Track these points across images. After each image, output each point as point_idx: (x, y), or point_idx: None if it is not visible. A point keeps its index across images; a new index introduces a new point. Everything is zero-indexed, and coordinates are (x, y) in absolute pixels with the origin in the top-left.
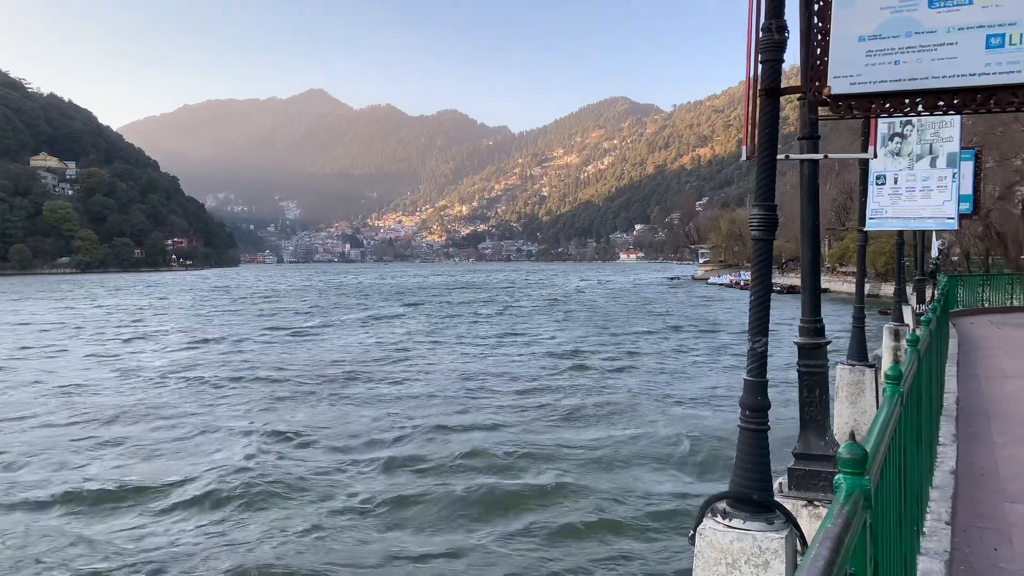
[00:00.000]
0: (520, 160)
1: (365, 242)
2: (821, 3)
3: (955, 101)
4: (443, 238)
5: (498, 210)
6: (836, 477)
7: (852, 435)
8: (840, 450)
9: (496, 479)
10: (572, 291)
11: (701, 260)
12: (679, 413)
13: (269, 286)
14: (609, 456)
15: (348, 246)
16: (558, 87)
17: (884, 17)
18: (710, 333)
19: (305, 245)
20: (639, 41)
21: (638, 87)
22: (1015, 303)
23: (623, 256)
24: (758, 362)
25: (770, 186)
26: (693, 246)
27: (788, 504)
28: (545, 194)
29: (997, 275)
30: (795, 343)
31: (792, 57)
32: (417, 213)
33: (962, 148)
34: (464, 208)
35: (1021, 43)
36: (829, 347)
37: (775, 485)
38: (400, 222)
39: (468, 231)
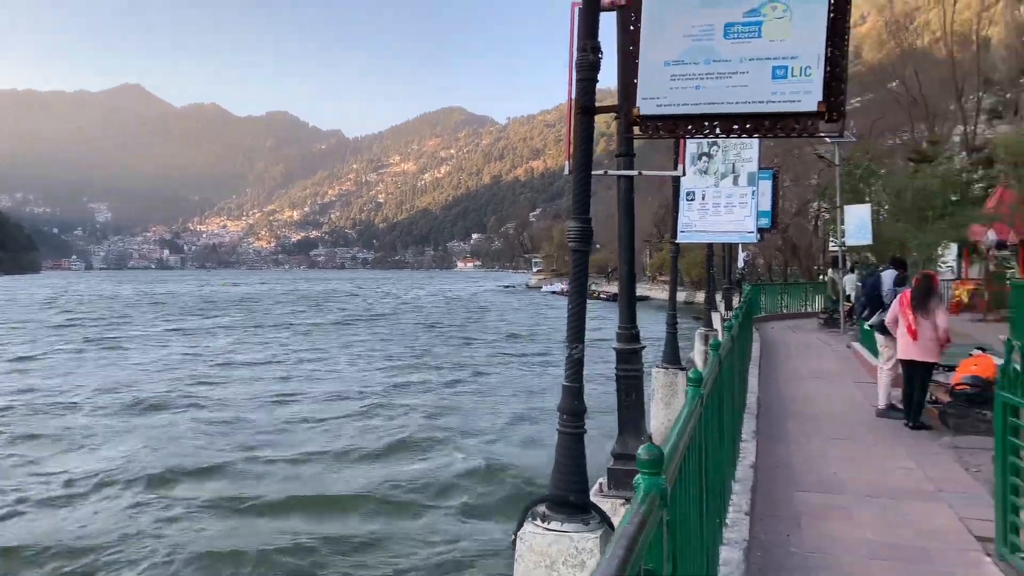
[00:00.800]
0: (355, 166)
1: (186, 248)
2: (632, 28)
3: (748, 126)
4: (272, 244)
5: (332, 216)
6: (635, 478)
7: (650, 437)
8: (639, 451)
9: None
10: (409, 300)
11: (535, 269)
12: (502, 430)
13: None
14: (436, 485)
15: (167, 252)
16: (395, 94)
17: (686, 44)
18: (534, 340)
19: (118, 250)
20: (476, 53)
21: (475, 98)
22: (810, 309)
23: (461, 264)
24: (575, 368)
25: (585, 199)
26: (527, 255)
27: (608, 504)
28: (381, 200)
29: (794, 284)
30: (613, 348)
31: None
32: (244, 218)
33: (761, 168)
34: (295, 213)
35: (802, 75)
36: (649, 351)
37: (597, 485)
38: (225, 227)
39: (299, 237)
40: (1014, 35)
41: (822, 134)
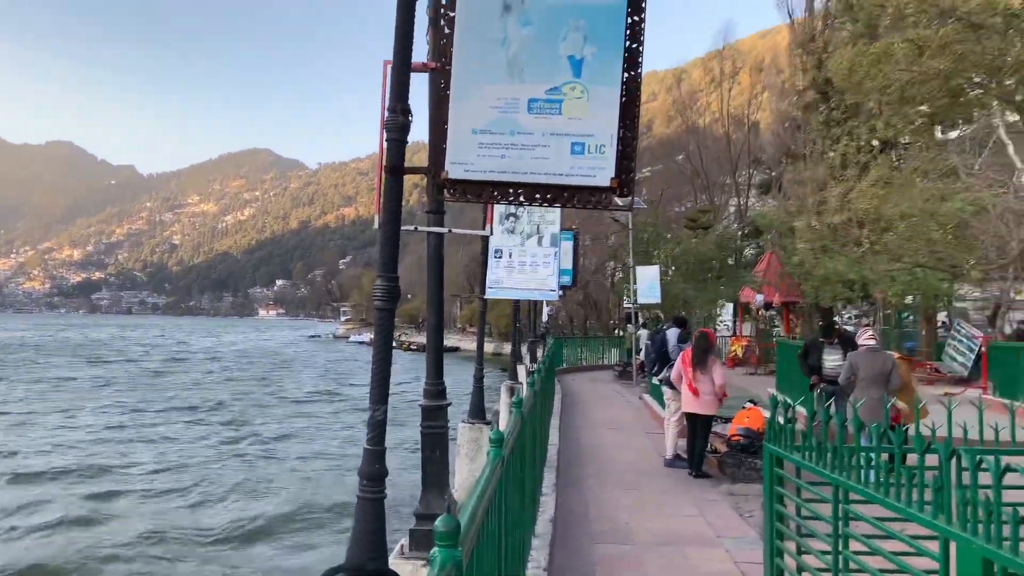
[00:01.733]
0: (149, 204)
1: None
2: (443, 93)
3: (549, 195)
4: (47, 285)
5: (119, 257)
6: (432, 552)
7: (452, 496)
8: (436, 524)
9: None
10: (199, 349)
11: (343, 318)
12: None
13: None
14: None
15: None
16: (197, 130)
17: (493, 115)
18: (339, 396)
19: None
20: (287, 96)
21: (285, 142)
22: (606, 361)
23: (263, 312)
24: (377, 431)
25: (393, 258)
26: (336, 303)
27: (409, 566)
28: (177, 242)
29: (593, 338)
30: (419, 405)
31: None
32: (13, 255)
33: (563, 229)
34: (76, 252)
35: (597, 152)
36: (458, 405)
37: (399, 546)
38: None
39: (80, 278)
40: (778, 122)
41: (614, 208)
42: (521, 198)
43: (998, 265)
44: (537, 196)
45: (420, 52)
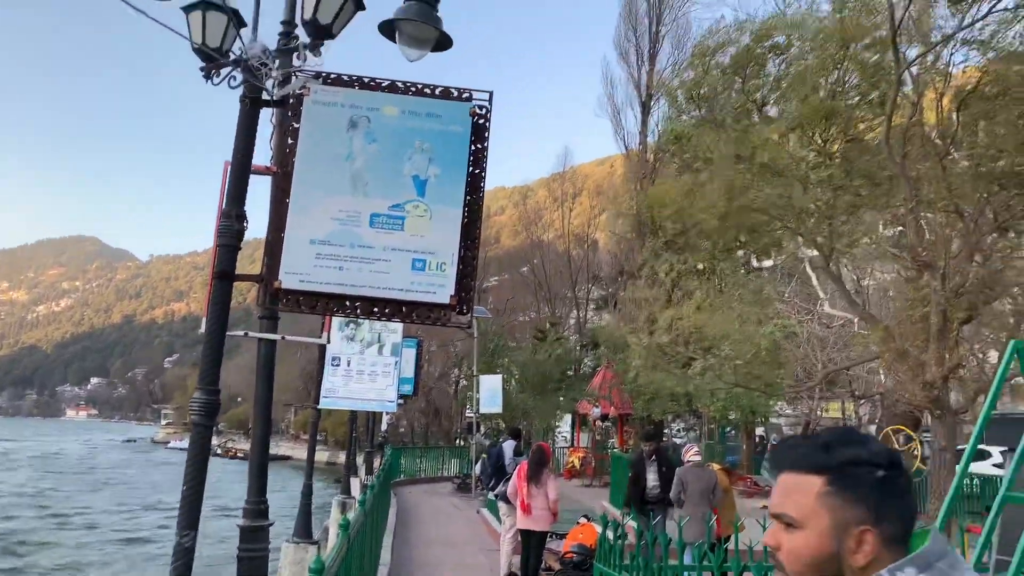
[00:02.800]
0: None
1: None
2: (283, 200)
3: (387, 310)
4: None
5: None
6: None
7: None
8: None
9: None
10: None
11: (164, 421)
12: None
13: None
14: None
15: None
16: (9, 213)
17: (333, 226)
18: (149, 512)
19: None
20: (117, 182)
21: (113, 230)
22: (446, 472)
23: (71, 412)
24: (184, 559)
25: (215, 368)
26: (157, 405)
27: None
28: None
29: (433, 447)
30: (237, 526)
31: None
32: None
33: (406, 337)
34: None
35: (438, 270)
36: (282, 521)
37: None
38: None
39: None
40: (614, 243)
41: (453, 325)
42: (358, 311)
43: (806, 386)
44: (375, 310)
45: (265, 153)
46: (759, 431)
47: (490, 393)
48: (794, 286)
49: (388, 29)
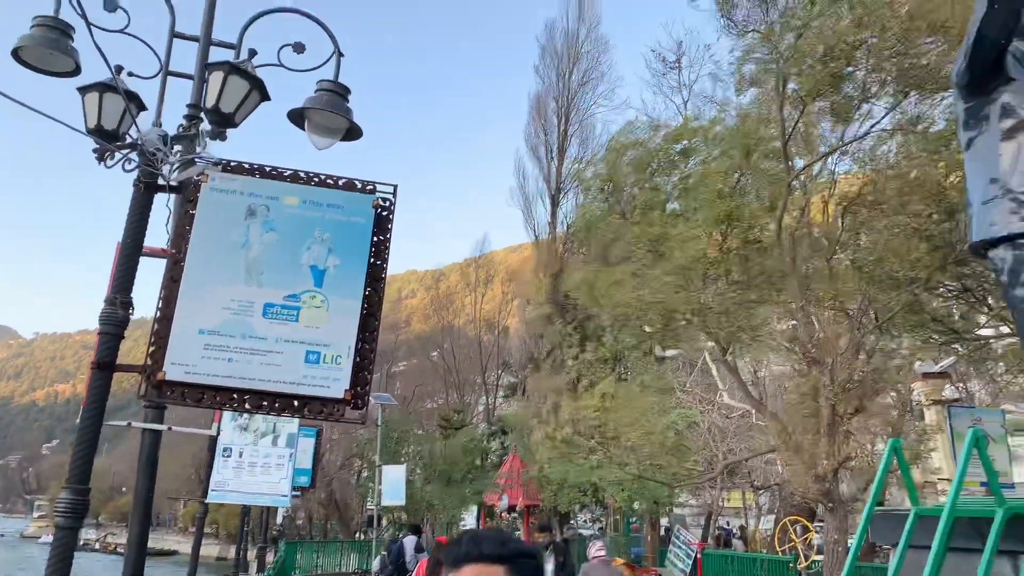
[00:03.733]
0: None
1: None
2: (173, 285)
3: (277, 404)
4: None
5: None
6: None
7: None
8: None
9: None
10: None
11: (36, 514)
12: None
13: None
14: None
15: None
16: None
17: (225, 316)
18: None
19: None
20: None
21: None
22: (344, 568)
23: None
24: None
25: (87, 465)
26: (29, 496)
27: None
28: None
29: (332, 541)
30: None
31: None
32: None
33: (303, 427)
34: None
35: (333, 362)
36: None
37: None
38: None
39: None
40: (525, 330)
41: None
42: (247, 405)
43: (707, 476)
44: (265, 404)
45: (163, 235)
46: (664, 521)
47: (393, 484)
48: (696, 376)
49: (298, 117)
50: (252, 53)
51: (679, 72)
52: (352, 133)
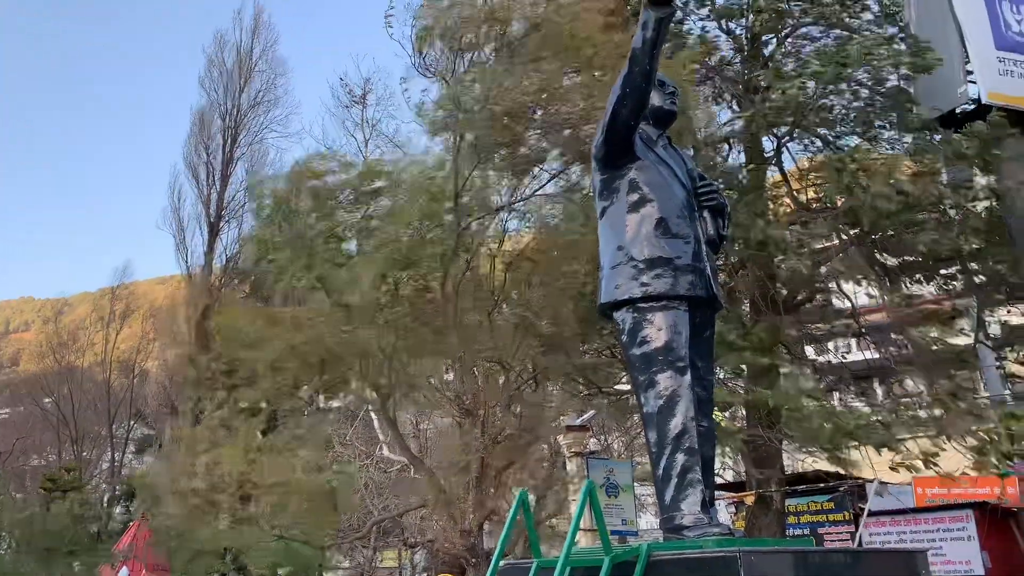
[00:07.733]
0: None
1: None
2: None
3: None
4: None
5: None
6: None
7: None
8: None
9: None
10: None
11: None
12: None
13: None
14: None
15: None
16: None
17: None
18: None
19: None
20: None
21: None
22: None
23: None
24: None
25: None
26: None
27: None
28: None
29: None
30: None
31: None
32: None
33: None
34: None
35: None
36: None
37: None
38: None
39: None
40: (166, 374)
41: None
42: None
43: (353, 536)
44: None
45: None
46: None
47: None
48: (358, 428)
49: None
50: None
51: (363, 108)
52: None
